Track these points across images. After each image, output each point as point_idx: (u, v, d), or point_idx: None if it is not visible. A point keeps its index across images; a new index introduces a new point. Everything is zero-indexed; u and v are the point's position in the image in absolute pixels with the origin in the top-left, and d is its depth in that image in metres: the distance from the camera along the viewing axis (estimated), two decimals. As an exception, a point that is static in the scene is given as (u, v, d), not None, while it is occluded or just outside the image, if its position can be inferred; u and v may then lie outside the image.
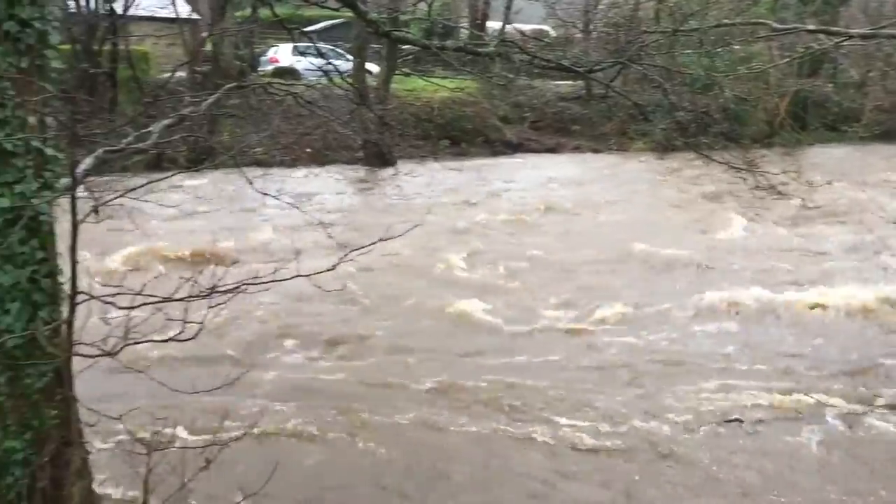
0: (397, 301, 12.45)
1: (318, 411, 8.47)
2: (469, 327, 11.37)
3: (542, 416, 8.41)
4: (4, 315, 4.73)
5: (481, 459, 7.61)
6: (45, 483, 4.77)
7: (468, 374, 9.50)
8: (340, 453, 7.70)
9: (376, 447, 7.74)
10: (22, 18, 4.55)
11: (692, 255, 15.14)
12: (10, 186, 4.65)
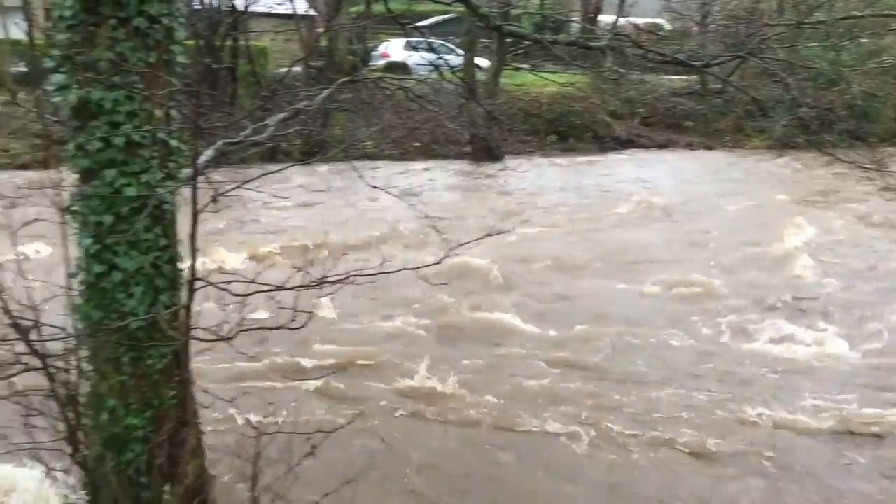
0: (509, 291, 12.42)
1: (426, 401, 8.54)
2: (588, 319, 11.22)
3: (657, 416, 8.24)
4: (129, 298, 4.97)
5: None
6: (163, 460, 4.99)
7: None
8: (452, 446, 7.74)
9: (484, 442, 7.73)
10: (151, 15, 4.76)
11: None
12: (137, 176, 4.87)
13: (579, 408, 8.43)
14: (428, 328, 10.77)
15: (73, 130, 4.85)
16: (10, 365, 4.82)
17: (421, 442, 7.73)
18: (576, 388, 8.95)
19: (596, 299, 12.31)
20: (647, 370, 9.57)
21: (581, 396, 8.73)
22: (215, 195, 4.89)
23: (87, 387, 5.13)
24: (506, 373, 9.39)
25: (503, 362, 9.77)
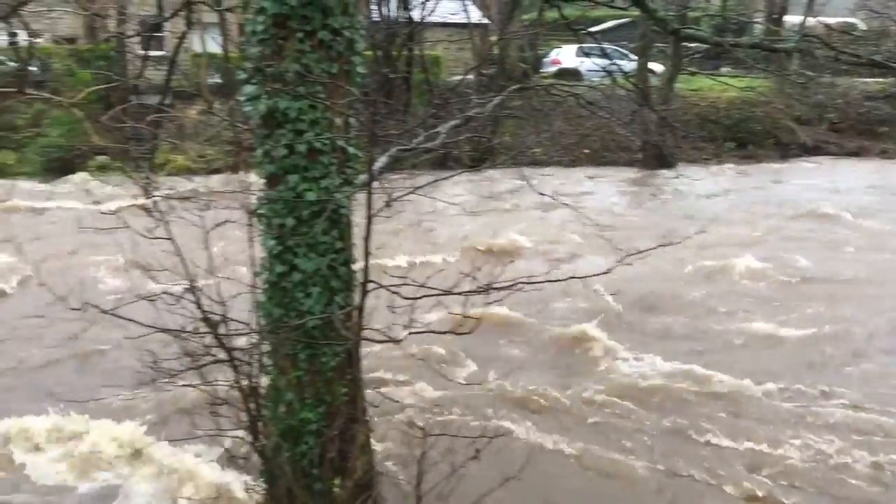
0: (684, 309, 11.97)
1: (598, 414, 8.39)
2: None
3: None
4: (307, 298, 5.22)
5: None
6: (334, 454, 5.19)
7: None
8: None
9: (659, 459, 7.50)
10: (334, 28, 4.99)
11: None
12: (318, 181, 5.11)
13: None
14: (600, 332, 10.56)
15: (261, 138, 5.17)
16: (200, 356, 5.20)
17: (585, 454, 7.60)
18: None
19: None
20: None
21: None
22: (389, 200, 5.04)
23: (267, 380, 5.43)
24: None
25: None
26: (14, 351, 10.14)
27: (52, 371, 9.78)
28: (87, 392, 8.36)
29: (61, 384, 9.12)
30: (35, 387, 9.17)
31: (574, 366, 9.72)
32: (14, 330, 10.90)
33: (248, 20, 5.12)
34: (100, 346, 9.71)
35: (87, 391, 8.61)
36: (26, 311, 11.10)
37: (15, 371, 9.71)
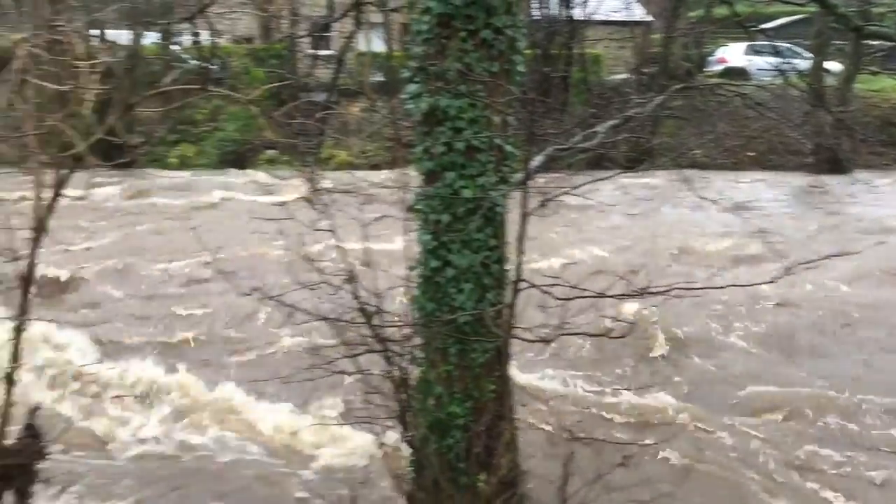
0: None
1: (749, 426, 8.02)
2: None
3: None
4: (459, 294, 5.29)
5: None
6: (480, 449, 5.23)
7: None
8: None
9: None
10: (497, 27, 5.02)
11: None
12: (474, 179, 5.16)
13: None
14: (754, 345, 10.05)
15: (421, 135, 5.28)
16: (356, 345, 5.38)
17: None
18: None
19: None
20: None
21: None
22: (544, 199, 5.02)
23: (418, 372, 5.55)
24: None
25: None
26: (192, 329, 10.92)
27: (223, 351, 10.46)
28: (252, 373, 8.90)
29: (232, 365, 9.77)
30: (212, 365, 9.85)
31: (737, 383, 9.30)
32: (190, 312, 11.77)
33: (413, 20, 5.24)
34: (268, 330, 10.25)
35: (252, 372, 9.15)
36: (205, 294, 11.97)
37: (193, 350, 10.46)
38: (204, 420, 8.43)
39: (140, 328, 11.13)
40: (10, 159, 5.02)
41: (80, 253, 12.19)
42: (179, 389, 9.03)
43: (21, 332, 4.90)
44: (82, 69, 3.51)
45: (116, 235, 17.08)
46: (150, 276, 13.92)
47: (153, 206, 20.59)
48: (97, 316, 11.60)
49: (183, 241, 15.63)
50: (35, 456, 5.07)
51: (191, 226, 10.44)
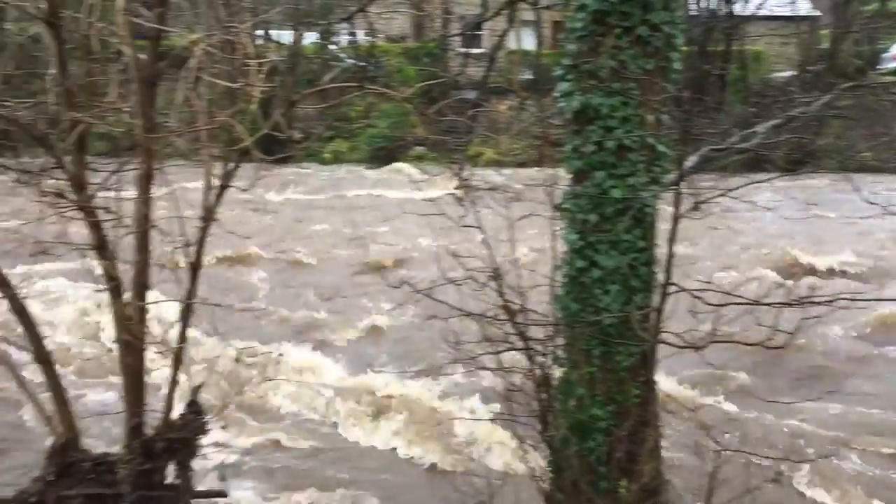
0: None
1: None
2: None
3: None
4: (605, 295, 5.20)
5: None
6: (622, 454, 5.13)
7: None
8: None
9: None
10: (654, 23, 4.90)
11: None
12: (624, 179, 5.06)
13: None
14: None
15: (571, 134, 5.23)
16: (498, 342, 5.40)
17: None
18: None
19: None
20: None
21: None
22: (697, 201, 4.84)
23: (560, 373, 5.51)
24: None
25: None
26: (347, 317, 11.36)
27: (369, 340, 10.81)
28: (396, 362, 9.13)
29: (378, 354, 10.09)
30: (358, 353, 10.20)
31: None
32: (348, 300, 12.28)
33: (567, 17, 5.20)
34: (413, 322, 10.49)
35: (395, 362, 9.39)
36: (357, 284, 12.41)
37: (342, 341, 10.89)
38: (346, 406, 8.75)
39: (296, 314, 11.69)
40: (181, 152, 5.37)
41: (242, 242, 12.94)
42: (323, 372, 9.45)
43: (188, 314, 5.24)
44: (251, 68, 3.71)
45: (278, 226, 17.99)
46: (307, 266, 14.59)
47: (309, 200, 21.53)
48: (258, 302, 12.29)
49: (337, 233, 16.30)
50: (197, 431, 5.41)
51: (344, 219, 10.87)
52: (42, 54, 6.70)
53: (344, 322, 11.50)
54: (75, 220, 4.76)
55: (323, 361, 9.81)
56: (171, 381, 5.32)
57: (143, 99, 4.55)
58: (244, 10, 4.15)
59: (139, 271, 5.02)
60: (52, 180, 4.89)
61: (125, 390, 5.31)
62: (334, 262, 14.71)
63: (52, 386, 5.17)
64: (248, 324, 10.67)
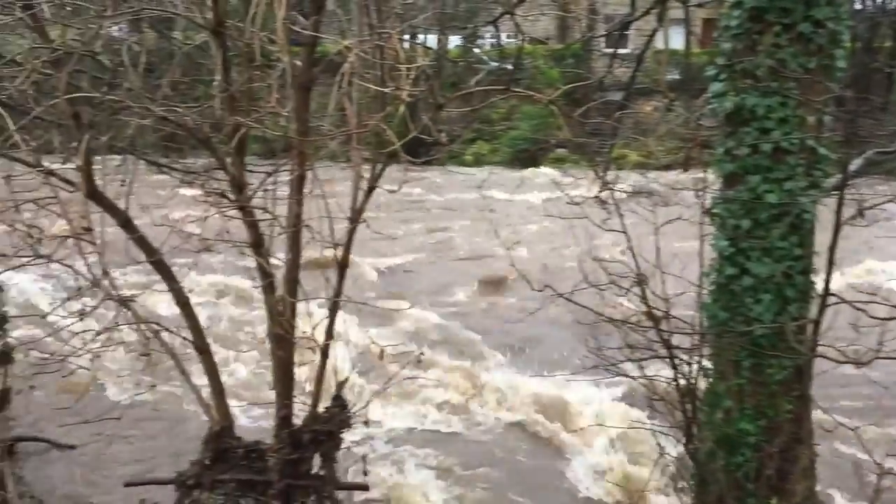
0: None
1: None
2: None
3: None
4: (756, 304, 4.98)
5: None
6: (772, 472, 4.90)
7: None
8: None
9: None
10: (817, 19, 4.64)
11: None
12: (780, 183, 4.83)
13: None
14: None
15: (723, 136, 5.04)
16: (641, 349, 5.27)
17: None
18: None
19: None
20: None
21: None
22: (861, 207, 4.56)
23: (706, 383, 5.31)
24: None
25: None
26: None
27: (506, 342, 10.85)
28: (536, 366, 9.11)
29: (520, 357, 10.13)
30: (497, 355, 10.27)
31: None
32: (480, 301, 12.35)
33: (722, 14, 5.02)
34: (554, 326, 10.44)
35: (535, 366, 9.38)
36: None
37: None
38: (484, 407, 8.81)
39: (438, 312, 11.87)
40: (332, 154, 5.56)
41: (387, 243, 13.34)
42: (461, 371, 9.55)
43: (335, 311, 5.41)
44: (400, 72, 3.80)
45: (421, 228, 18.37)
46: (447, 267, 14.82)
47: (452, 201, 21.83)
48: (404, 300, 12.56)
49: (478, 235, 16.46)
50: (341, 424, 5.59)
51: (486, 221, 11.00)
52: (205, 62, 7.12)
53: (482, 322, 11.60)
54: (235, 218, 5.01)
55: (462, 362, 9.91)
56: (317, 375, 5.52)
57: (299, 103, 4.74)
58: (394, 16, 4.24)
59: (291, 268, 5.23)
60: (213, 181, 5.19)
61: (275, 382, 5.55)
62: (476, 262, 14.88)
63: (211, 376, 5.47)
64: (393, 322, 10.90)
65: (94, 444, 7.67)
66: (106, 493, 6.70)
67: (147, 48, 4.99)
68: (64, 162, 4.46)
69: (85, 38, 4.42)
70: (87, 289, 4.53)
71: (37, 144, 4.27)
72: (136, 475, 6.88)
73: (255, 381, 8.89)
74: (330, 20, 5.48)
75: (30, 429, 7.89)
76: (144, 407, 7.45)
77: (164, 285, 5.18)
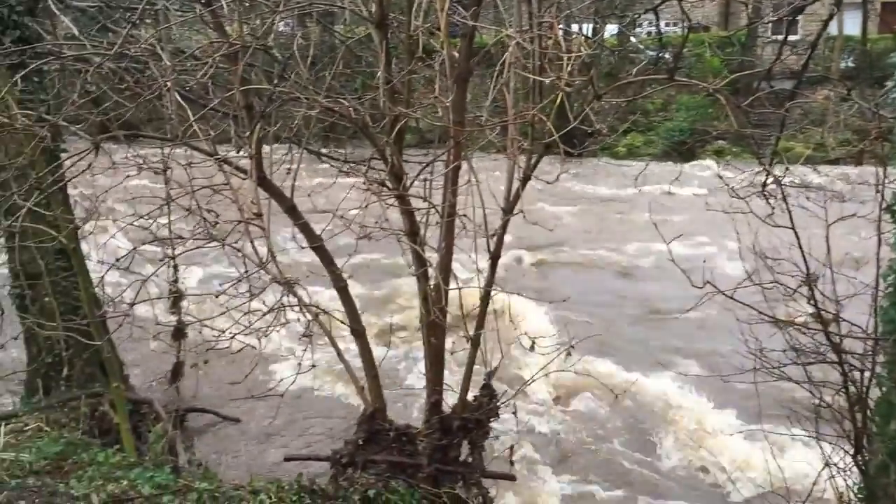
0: None
1: None
2: None
3: None
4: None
5: None
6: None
7: None
8: None
9: None
10: None
11: None
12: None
13: None
14: None
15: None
16: (807, 352, 4.98)
17: None
18: None
19: None
20: None
21: None
22: None
23: (879, 392, 4.96)
24: None
25: None
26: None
27: (656, 340, 10.56)
28: (691, 367, 8.83)
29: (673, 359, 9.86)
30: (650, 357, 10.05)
31: None
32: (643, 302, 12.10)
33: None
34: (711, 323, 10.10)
35: (691, 367, 9.09)
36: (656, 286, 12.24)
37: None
38: (627, 410, 8.64)
39: (591, 308, 11.75)
40: (488, 145, 5.59)
41: (541, 234, 13.39)
42: (606, 370, 9.39)
43: (487, 301, 5.45)
44: (561, 62, 3.76)
45: (575, 220, 18.19)
46: (603, 261, 14.64)
47: (605, 194, 21.48)
48: (552, 294, 12.53)
49: (634, 229, 16.14)
50: (489, 413, 5.63)
51: (644, 215, 10.79)
52: (362, 54, 7.34)
53: (633, 318, 11.36)
54: (392, 207, 5.14)
55: (603, 363, 9.71)
56: (468, 363, 5.58)
57: (456, 95, 4.79)
58: (556, 5, 4.19)
59: (444, 257, 5.31)
60: (372, 171, 5.34)
61: (427, 369, 5.67)
62: (635, 257, 14.63)
63: (365, 359, 5.64)
64: (545, 313, 10.86)
65: (257, 418, 8.14)
66: (266, 465, 7.09)
67: (313, 42, 5.20)
68: (238, 151, 4.71)
69: (258, 33, 4.65)
70: (255, 271, 4.79)
71: (214, 134, 4.53)
72: (294, 451, 7.25)
73: (404, 366, 9.14)
74: (486, 11, 5.49)
75: (199, 401, 8.47)
76: (304, 386, 7.81)
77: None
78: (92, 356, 7.24)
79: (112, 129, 4.60)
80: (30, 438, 6.01)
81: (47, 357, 7.25)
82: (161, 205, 5.06)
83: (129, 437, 6.35)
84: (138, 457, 6.17)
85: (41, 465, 5.37)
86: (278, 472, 5.87)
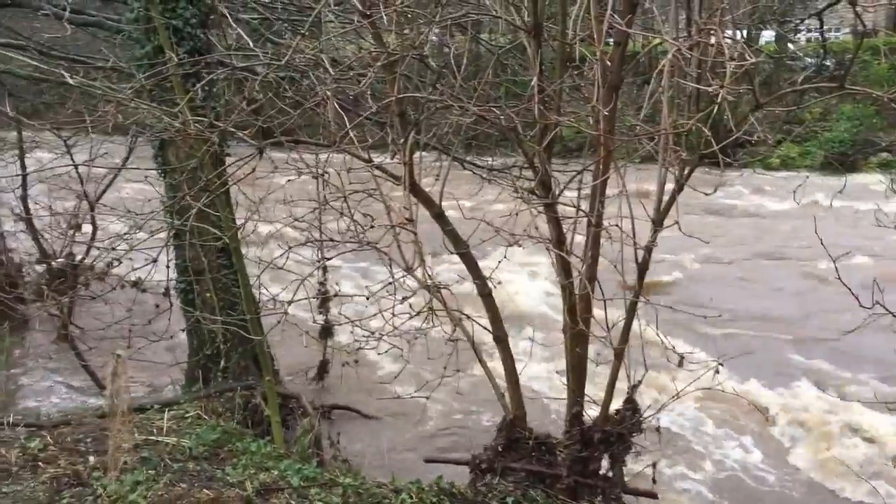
0: None
1: None
2: None
3: None
4: None
5: None
6: None
7: None
8: None
9: None
10: None
11: None
12: None
13: None
14: None
15: None
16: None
17: None
18: None
19: None
20: None
21: None
22: None
23: None
24: None
25: None
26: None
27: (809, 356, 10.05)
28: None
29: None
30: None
31: None
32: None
33: None
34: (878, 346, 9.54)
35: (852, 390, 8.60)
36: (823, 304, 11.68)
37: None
38: (773, 427, 8.26)
39: (735, 325, 11.31)
40: (640, 155, 5.49)
41: (692, 246, 13.12)
42: (757, 390, 8.99)
43: (633, 312, 5.34)
44: (723, 69, 3.63)
45: (727, 234, 17.56)
46: (758, 278, 14.08)
47: (760, 207, 20.59)
48: (701, 308, 12.13)
49: (793, 243, 15.42)
50: (632, 428, 5.51)
51: (803, 227, 10.33)
52: (508, 62, 7.37)
53: (786, 330, 10.87)
54: (540, 215, 5.13)
55: (753, 383, 9.29)
56: (611, 375, 5.48)
57: (607, 103, 4.72)
58: (720, 11, 4.05)
59: (590, 267, 5.25)
60: (519, 179, 5.35)
61: (569, 378, 5.61)
62: (789, 273, 14.03)
63: (507, 365, 5.65)
64: (693, 329, 10.53)
65: (399, 419, 8.32)
66: (406, 465, 7.21)
67: (466, 51, 5.27)
68: (391, 157, 4.84)
69: (414, 43, 4.77)
70: (404, 276, 4.90)
71: (371, 142, 4.68)
72: (434, 453, 7.35)
73: (544, 375, 9.08)
74: (637, 17, 5.40)
75: (342, 398, 8.76)
76: (446, 390, 7.92)
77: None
78: (247, 350, 7.63)
79: (275, 135, 4.84)
80: (190, 425, 6.37)
81: (208, 349, 7.70)
82: (315, 208, 5.26)
83: (279, 429, 6.62)
84: (286, 449, 6.42)
85: (200, 451, 5.68)
86: (417, 472, 5.96)
